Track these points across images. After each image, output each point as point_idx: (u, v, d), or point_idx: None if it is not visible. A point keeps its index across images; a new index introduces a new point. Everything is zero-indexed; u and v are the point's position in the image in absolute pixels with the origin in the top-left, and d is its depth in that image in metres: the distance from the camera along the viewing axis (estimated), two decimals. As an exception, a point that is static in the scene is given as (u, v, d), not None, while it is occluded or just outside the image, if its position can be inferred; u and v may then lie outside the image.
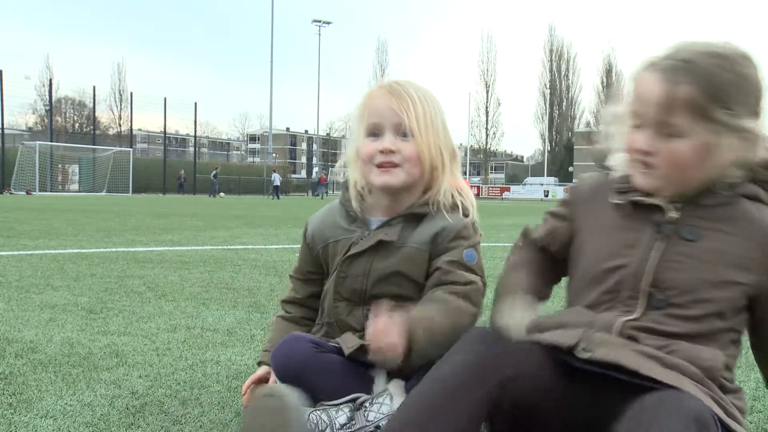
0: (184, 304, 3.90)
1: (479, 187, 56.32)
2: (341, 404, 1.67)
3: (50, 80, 52.74)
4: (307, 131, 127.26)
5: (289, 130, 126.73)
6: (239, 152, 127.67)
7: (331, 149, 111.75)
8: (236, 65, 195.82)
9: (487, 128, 78.74)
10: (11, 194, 34.39)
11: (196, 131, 55.82)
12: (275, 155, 76.43)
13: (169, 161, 52.40)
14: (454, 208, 1.87)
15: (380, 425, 1.61)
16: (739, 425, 1.35)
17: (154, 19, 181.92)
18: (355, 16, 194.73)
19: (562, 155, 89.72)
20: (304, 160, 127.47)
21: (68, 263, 5.69)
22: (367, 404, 1.66)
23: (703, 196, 1.50)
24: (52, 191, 39.47)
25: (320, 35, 72.28)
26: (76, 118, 72.93)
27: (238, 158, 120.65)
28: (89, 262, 5.84)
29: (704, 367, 1.39)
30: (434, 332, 1.64)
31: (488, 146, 79.37)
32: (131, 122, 52.61)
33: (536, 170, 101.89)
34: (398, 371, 1.71)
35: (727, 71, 1.40)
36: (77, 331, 3.12)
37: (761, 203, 1.51)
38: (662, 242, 1.49)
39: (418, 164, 1.82)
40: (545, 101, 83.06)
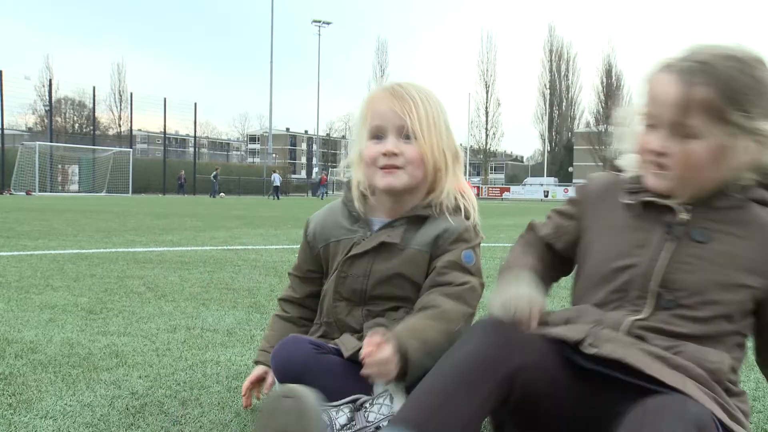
0: (183, 304, 3.90)
1: (479, 187, 56.32)
2: (341, 405, 1.67)
3: (50, 80, 52.65)
4: (306, 131, 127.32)
5: (288, 130, 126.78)
6: (239, 152, 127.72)
7: (330, 149, 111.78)
8: (236, 65, 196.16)
9: (486, 128, 78.67)
10: (11, 195, 34.38)
11: (195, 131, 55.82)
12: (275, 155, 76.44)
13: (168, 162, 52.38)
14: (456, 210, 1.87)
15: (380, 426, 1.61)
16: (742, 429, 1.35)
17: (154, 19, 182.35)
18: (355, 16, 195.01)
19: (561, 155, 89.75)
20: (303, 160, 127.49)
21: (68, 264, 5.69)
22: (367, 405, 1.66)
23: (715, 198, 1.50)
24: (51, 192, 39.47)
25: (320, 35, 72.35)
26: (75, 118, 72.86)
27: (237, 159, 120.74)
28: (89, 262, 5.84)
29: (710, 369, 1.40)
30: (428, 342, 1.64)
31: (488, 146, 79.22)
32: (131, 123, 52.59)
33: (536, 170, 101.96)
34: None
35: (743, 74, 1.40)
36: (77, 331, 3.12)
37: None
38: (672, 243, 1.49)
39: (421, 166, 1.83)
40: (545, 101, 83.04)
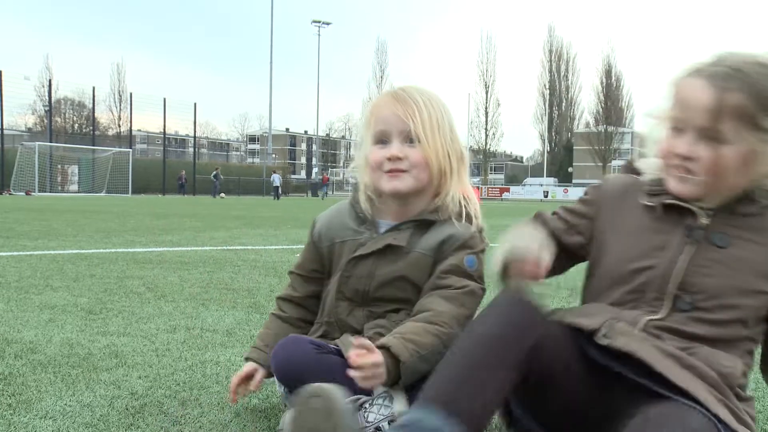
0: (183, 304, 3.90)
1: (479, 187, 56.33)
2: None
3: (50, 81, 52.56)
4: (306, 132, 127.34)
5: (288, 130, 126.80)
6: (239, 153, 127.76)
7: (330, 150, 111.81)
8: (236, 65, 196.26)
9: (486, 129, 78.68)
10: (10, 195, 34.36)
11: (195, 132, 55.77)
12: (275, 156, 76.48)
13: (168, 162, 52.32)
14: (461, 215, 1.88)
15: (380, 426, 1.61)
16: None
17: (154, 19, 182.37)
18: (354, 16, 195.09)
19: (561, 156, 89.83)
20: (303, 160, 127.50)
21: (68, 264, 5.69)
22: (367, 405, 1.66)
23: (737, 203, 1.50)
24: (51, 192, 39.46)
25: (320, 36, 72.40)
26: (75, 118, 72.88)
27: (237, 159, 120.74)
28: (89, 262, 5.84)
29: (723, 373, 1.41)
30: (422, 346, 1.65)
31: (488, 147, 79.26)
32: (131, 123, 52.47)
33: (536, 171, 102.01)
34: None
35: None
36: (77, 331, 3.12)
37: None
38: (692, 246, 1.50)
39: (426, 169, 1.83)
40: (545, 102, 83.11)
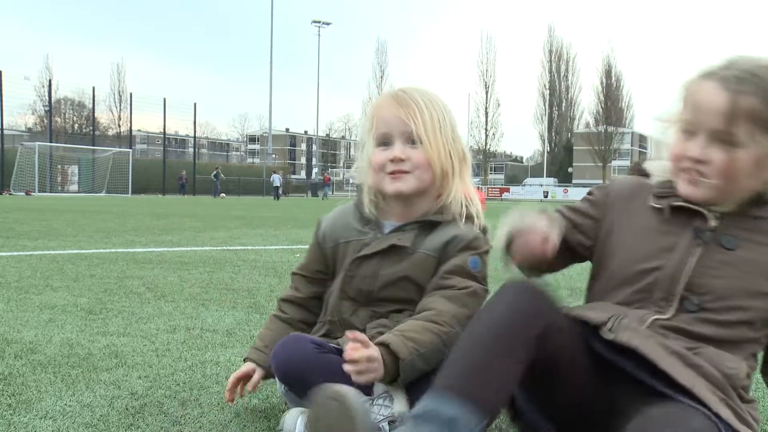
0: (183, 304, 3.90)
1: (479, 187, 56.27)
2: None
3: (50, 81, 52.52)
4: (306, 132, 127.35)
5: (288, 130, 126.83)
6: (239, 153, 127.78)
7: (330, 150, 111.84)
8: (236, 65, 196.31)
9: (486, 129, 78.69)
10: (10, 195, 34.35)
11: (195, 132, 55.74)
12: (275, 156, 76.49)
13: (168, 162, 52.26)
14: (467, 217, 1.88)
15: (381, 426, 1.61)
16: None
17: (154, 19, 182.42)
18: (354, 16, 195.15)
19: (561, 156, 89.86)
20: (303, 160, 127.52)
21: (68, 264, 5.69)
22: (367, 405, 1.65)
23: (747, 206, 1.51)
24: (51, 192, 39.44)
25: (320, 36, 72.42)
26: (75, 118, 72.86)
27: (237, 159, 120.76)
28: (89, 262, 5.84)
29: (727, 373, 1.41)
30: (421, 345, 1.65)
31: (488, 147, 79.27)
32: (131, 123, 52.41)
33: (536, 171, 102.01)
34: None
35: None
36: (77, 331, 3.11)
37: None
38: (700, 248, 1.50)
39: (428, 170, 1.84)
40: (545, 102, 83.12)
